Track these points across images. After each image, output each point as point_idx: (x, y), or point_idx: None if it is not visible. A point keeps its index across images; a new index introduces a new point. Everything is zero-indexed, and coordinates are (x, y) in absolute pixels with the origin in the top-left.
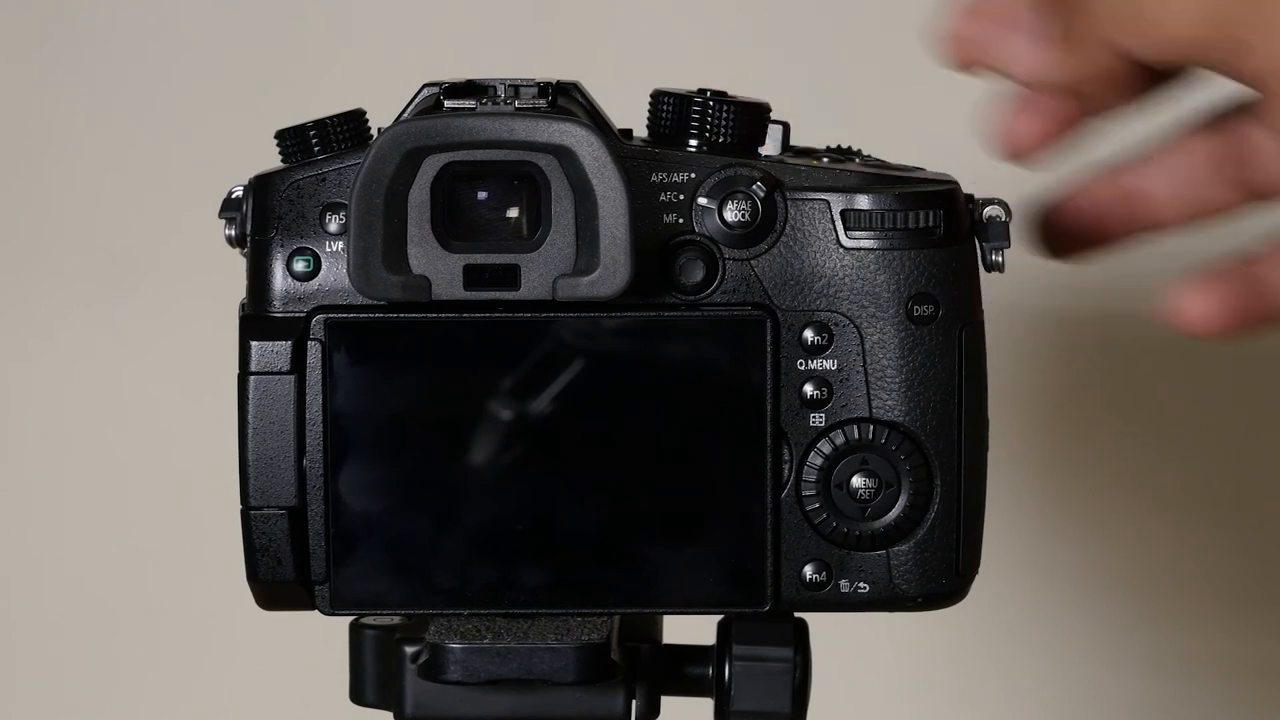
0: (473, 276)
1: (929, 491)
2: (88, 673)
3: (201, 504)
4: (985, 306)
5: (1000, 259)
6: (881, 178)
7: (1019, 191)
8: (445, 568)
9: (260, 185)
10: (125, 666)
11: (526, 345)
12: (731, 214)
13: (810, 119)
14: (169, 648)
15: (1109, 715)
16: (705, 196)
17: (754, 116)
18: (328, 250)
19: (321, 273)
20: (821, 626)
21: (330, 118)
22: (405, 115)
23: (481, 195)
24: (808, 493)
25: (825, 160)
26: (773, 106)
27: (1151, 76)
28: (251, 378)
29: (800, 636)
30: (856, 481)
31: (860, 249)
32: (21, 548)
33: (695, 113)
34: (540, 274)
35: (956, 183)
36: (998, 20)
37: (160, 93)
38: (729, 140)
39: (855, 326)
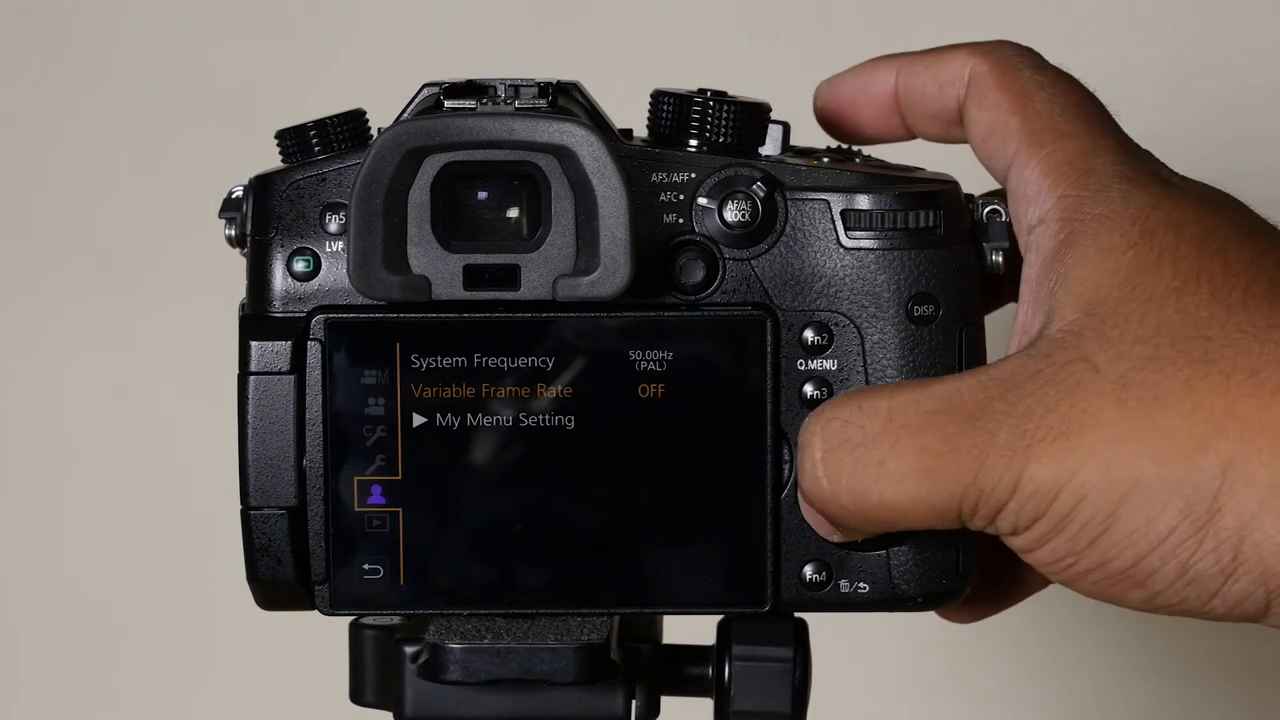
0: (473, 276)
1: None
2: (88, 673)
3: (201, 504)
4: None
5: (1000, 259)
6: (881, 178)
7: None
8: (445, 568)
9: (260, 185)
10: (125, 666)
11: (526, 345)
12: (731, 214)
13: (810, 119)
14: (169, 648)
15: (1109, 715)
16: (705, 196)
17: (754, 116)
18: (328, 250)
19: (321, 273)
20: (821, 626)
21: (330, 118)
22: (405, 115)
23: (481, 195)
24: None
25: (825, 160)
26: (773, 106)
27: None
28: (251, 378)
29: (800, 636)
30: None
31: (860, 249)
32: (22, 548)
33: (695, 113)
34: (540, 274)
35: (956, 182)
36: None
37: (161, 93)
38: (729, 140)
39: (855, 326)
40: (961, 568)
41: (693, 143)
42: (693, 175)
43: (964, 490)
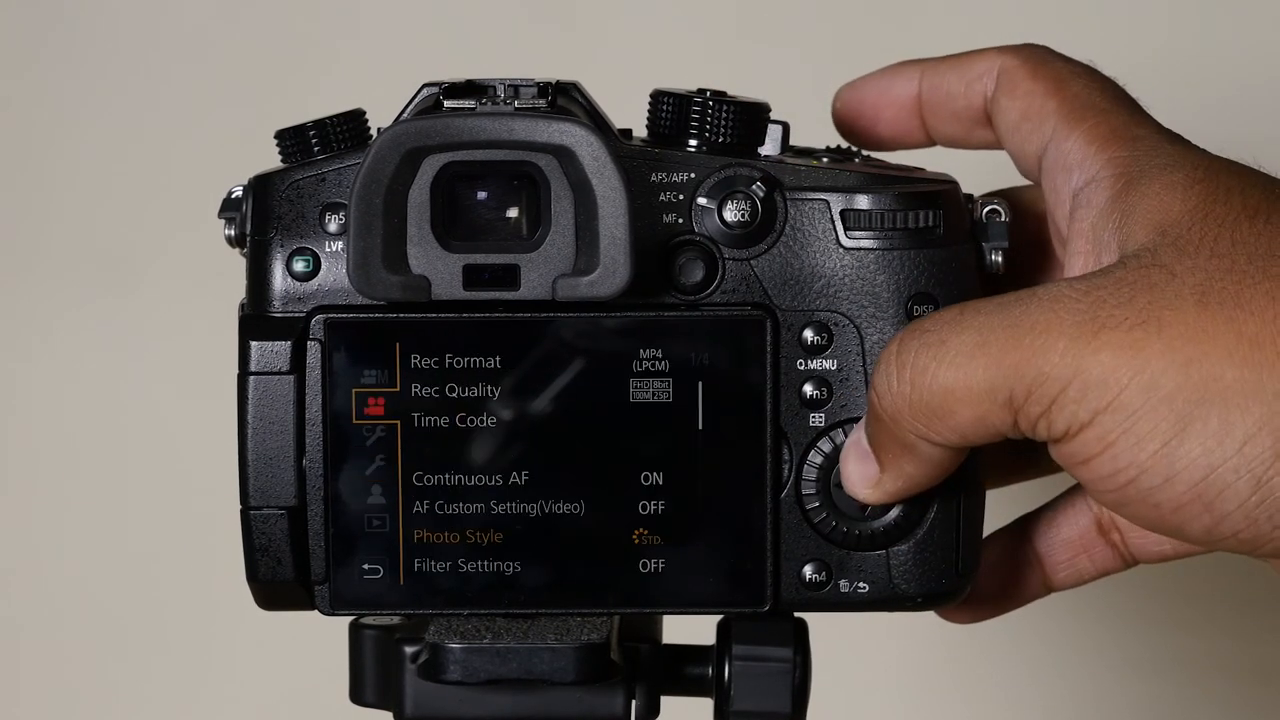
0: (472, 276)
1: (928, 491)
2: (88, 673)
3: (201, 504)
4: None
5: (1000, 259)
6: (881, 178)
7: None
8: (445, 568)
9: (260, 185)
10: (125, 666)
11: (526, 345)
12: (731, 214)
13: (810, 119)
14: (169, 648)
15: (1109, 715)
16: (705, 196)
17: (754, 116)
18: (327, 250)
19: (321, 273)
20: (821, 626)
21: (330, 118)
22: (405, 115)
23: (481, 195)
24: (807, 492)
25: (825, 160)
26: (773, 106)
27: (1014, 461)
28: (251, 378)
29: (800, 636)
30: None
31: (860, 249)
32: (22, 548)
33: (695, 113)
34: (540, 274)
35: (956, 182)
36: (844, 457)
37: (160, 93)
38: (729, 140)
39: (855, 326)
40: (962, 568)
41: (692, 143)
42: (692, 175)
43: (1020, 368)
